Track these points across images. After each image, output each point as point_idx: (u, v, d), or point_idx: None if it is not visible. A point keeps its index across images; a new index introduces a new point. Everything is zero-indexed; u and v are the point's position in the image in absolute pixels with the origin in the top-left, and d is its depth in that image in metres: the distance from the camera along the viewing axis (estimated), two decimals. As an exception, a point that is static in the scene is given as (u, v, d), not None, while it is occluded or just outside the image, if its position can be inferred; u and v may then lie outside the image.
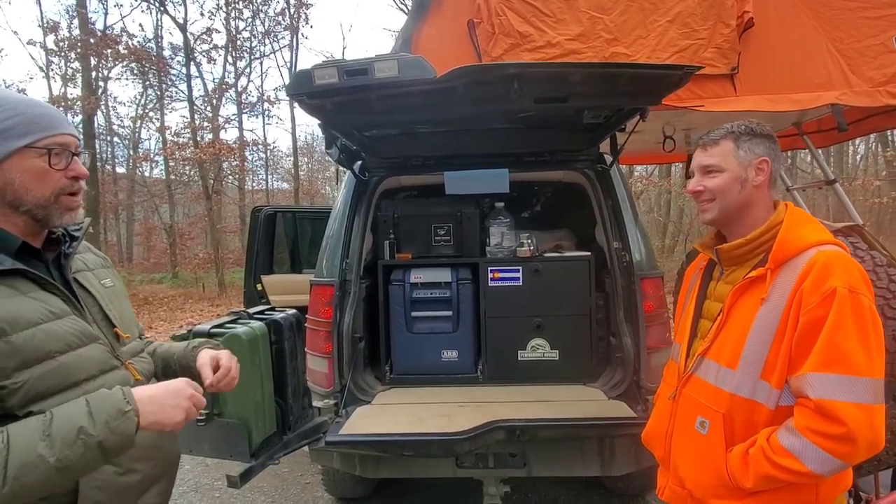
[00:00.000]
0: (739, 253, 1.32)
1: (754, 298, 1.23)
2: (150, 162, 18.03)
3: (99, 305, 1.18)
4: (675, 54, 2.79)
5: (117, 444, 0.97)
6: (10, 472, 0.88)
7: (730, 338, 1.26)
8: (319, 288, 2.65)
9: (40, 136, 1.04)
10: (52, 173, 1.05)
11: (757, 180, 1.29)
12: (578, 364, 2.87)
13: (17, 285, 1.01)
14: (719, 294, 1.37)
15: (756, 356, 1.21)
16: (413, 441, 2.20)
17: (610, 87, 1.98)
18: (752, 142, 1.31)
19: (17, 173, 1.03)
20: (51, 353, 1.00)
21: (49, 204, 1.06)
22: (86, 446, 0.93)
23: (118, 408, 0.98)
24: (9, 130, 1.02)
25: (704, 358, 1.32)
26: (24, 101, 1.07)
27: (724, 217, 1.34)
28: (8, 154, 1.02)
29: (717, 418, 1.25)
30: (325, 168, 26.53)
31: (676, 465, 1.37)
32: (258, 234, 4.82)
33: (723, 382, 1.26)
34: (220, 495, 3.38)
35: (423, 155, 2.90)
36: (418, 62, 1.90)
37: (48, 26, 14.49)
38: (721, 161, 1.31)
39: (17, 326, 0.97)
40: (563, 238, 3.26)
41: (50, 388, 0.99)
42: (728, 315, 1.28)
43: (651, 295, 2.54)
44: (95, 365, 1.09)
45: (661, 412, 1.48)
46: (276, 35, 16.99)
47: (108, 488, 1.06)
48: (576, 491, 3.21)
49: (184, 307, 11.78)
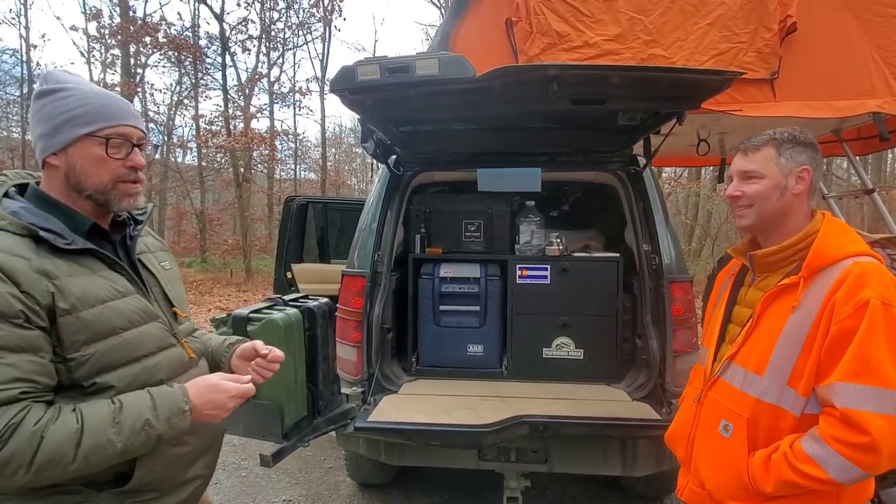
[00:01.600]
0: (773, 260, 1.33)
1: (785, 306, 1.24)
2: (184, 149, 18.43)
3: (160, 286, 1.25)
4: (715, 57, 2.76)
5: (173, 437, 1.09)
6: (82, 451, 0.97)
7: (758, 344, 1.27)
8: (351, 278, 2.72)
9: (102, 126, 1.10)
10: (110, 161, 1.11)
11: (797, 189, 1.29)
12: (603, 364, 2.89)
13: (88, 264, 1.09)
14: (750, 300, 1.37)
15: (784, 363, 1.21)
16: (439, 431, 2.26)
17: (649, 91, 1.98)
18: (794, 149, 1.30)
19: (79, 159, 1.10)
20: (116, 329, 1.08)
21: (108, 189, 1.12)
22: (148, 437, 1.04)
23: (179, 406, 1.08)
24: (76, 119, 1.09)
25: (732, 362, 1.33)
26: (95, 92, 1.14)
27: (761, 224, 1.34)
28: (72, 140, 1.09)
29: (741, 422, 1.27)
30: (351, 160, 26.81)
31: (697, 467, 1.39)
32: (290, 223, 4.92)
33: (749, 387, 1.27)
34: (247, 474, 3.50)
35: (456, 151, 2.94)
36: (459, 61, 1.93)
37: (91, 13, 14.95)
38: (762, 167, 1.31)
39: (87, 303, 1.04)
40: (591, 238, 3.27)
41: (113, 362, 1.07)
42: (758, 321, 1.29)
43: (679, 299, 2.54)
44: (154, 342, 1.16)
45: (685, 414, 1.50)
46: (310, 27, 17.18)
47: (163, 459, 1.14)
48: (593, 490, 3.23)
49: (212, 291, 12.06)
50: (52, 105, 1.09)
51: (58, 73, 1.15)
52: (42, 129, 1.10)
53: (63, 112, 1.09)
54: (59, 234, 1.05)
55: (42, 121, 1.10)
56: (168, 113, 18.23)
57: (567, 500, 3.14)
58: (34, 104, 1.12)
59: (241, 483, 3.40)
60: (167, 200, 21.40)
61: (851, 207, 13.60)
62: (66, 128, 1.08)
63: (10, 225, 1.02)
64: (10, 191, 1.12)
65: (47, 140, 1.09)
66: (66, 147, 1.09)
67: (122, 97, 1.24)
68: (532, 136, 2.86)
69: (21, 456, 0.93)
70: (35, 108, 1.11)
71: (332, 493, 3.26)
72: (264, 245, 17.51)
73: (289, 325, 1.86)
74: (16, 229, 1.02)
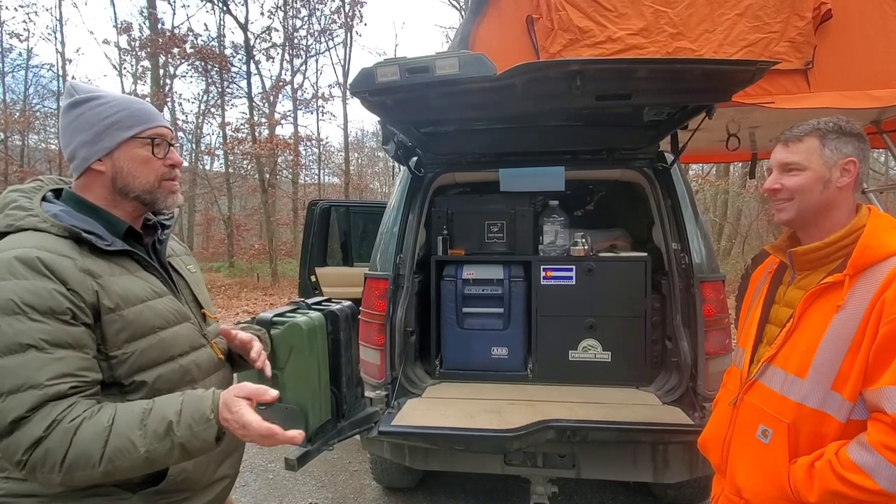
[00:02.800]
0: (816, 257, 1.25)
1: (829, 305, 1.17)
2: (212, 156, 18.84)
3: (189, 288, 1.27)
4: (744, 49, 2.67)
5: (198, 448, 1.00)
6: (107, 452, 0.95)
7: (799, 345, 1.21)
8: (373, 281, 2.71)
9: (144, 128, 1.13)
10: (155, 161, 1.15)
11: (841, 182, 1.22)
12: (631, 367, 2.81)
13: (126, 265, 1.11)
14: (789, 299, 1.31)
15: (828, 366, 1.15)
16: (464, 436, 2.22)
17: (676, 84, 1.92)
18: (839, 140, 1.23)
19: (126, 161, 1.12)
20: (154, 328, 1.09)
21: (154, 189, 1.15)
22: (171, 443, 0.98)
23: (203, 414, 1.00)
24: (118, 123, 1.11)
25: (770, 365, 1.26)
26: (127, 98, 1.17)
27: (801, 218, 1.27)
28: (118, 144, 1.11)
29: (782, 428, 1.21)
30: (373, 164, 27.00)
31: (734, 474, 1.32)
32: (313, 227, 4.96)
33: (789, 391, 1.20)
34: (274, 477, 3.52)
35: (478, 152, 2.91)
36: (479, 59, 1.90)
37: (122, 27, 15.42)
38: (804, 159, 1.24)
39: (128, 302, 1.06)
40: (618, 238, 3.19)
41: (151, 361, 1.08)
42: (799, 321, 1.22)
43: (711, 299, 2.45)
44: (187, 342, 1.17)
45: (719, 418, 1.44)
46: (332, 33, 17.39)
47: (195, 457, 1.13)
48: (623, 497, 3.15)
49: (239, 295, 12.27)
50: (90, 112, 1.11)
51: (84, 85, 1.17)
52: (84, 137, 1.11)
53: (105, 118, 1.11)
54: (100, 236, 1.07)
55: (81, 129, 1.11)
56: (196, 122, 18.68)
57: (596, 507, 3.07)
58: (68, 115, 1.14)
59: (269, 485, 3.42)
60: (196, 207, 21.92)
61: (889, 201, 13.08)
62: (111, 132, 1.11)
63: (53, 227, 1.05)
64: (48, 195, 1.15)
65: (90, 147, 1.11)
66: (111, 151, 1.11)
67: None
68: (555, 135, 2.80)
69: (55, 453, 0.93)
70: (70, 119, 1.13)
71: (358, 496, 3.26)
72: (290, 249, 17.75)
73: (312, 328, 1.85)
74: (58, 231, 1.04)
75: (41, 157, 17.97)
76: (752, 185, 13.60)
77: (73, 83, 1.17)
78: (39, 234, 1.03)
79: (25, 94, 17.22)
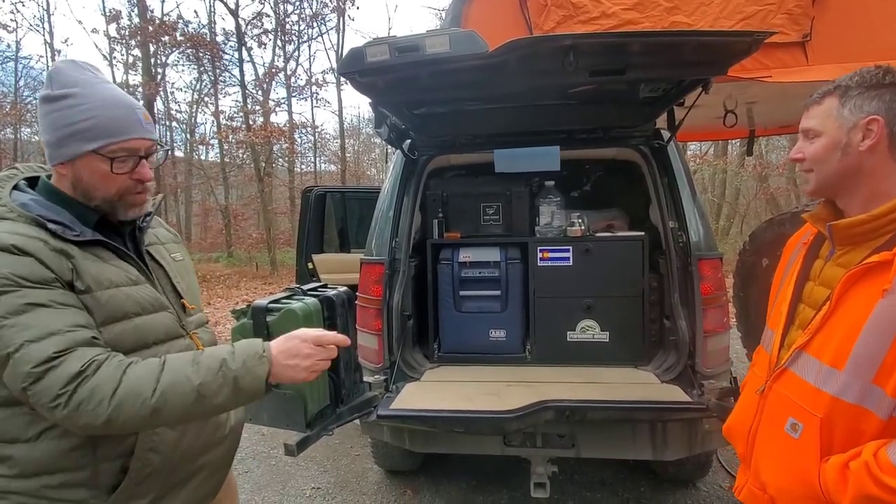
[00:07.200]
0: (860, 231, 1.09)
1: (873, 288, 1.01)
2: (206, 145, 18.70)
3: (168, 277, 1.25)
4: (741, 21, 2.62)
5: (249, 384, 1.03)
6: (161, 385, 0.98)
7: (837, 332, 1.06)
8: (369, 266, 2.69)
9: (107, 143, 1.08)
10: (115, 176, 1.10)
11: (864, 144, 1.06)
12: (629, 346, 2.81)
13: (99, 254, 1.10)
14: (827, 277, 1.15)
15: (870, 357, 1.00)
16: (462, 418, 2.22)
17: (671, 58, 1.87)
18: (862, 96, 1.07)
19: (85, 172, 1.10)
20: (128, 313, 1.09)
21: (114, 201, 1.13)
22: (224, 378, 1.02)
23: (256, 352, 1.06)
24: (82, 133, 1.07)
25: (803, 352, 1.12)
26: (101, 102, 1.09)
27: (825, 190, 1.15)
28: (77, 156, 1.08)
29: (814, 423, 1.07)
30: (370, 150, 26.81)
31: (759, 467, 1.21)
32: (309, 214, 4.93)
33: (824, 383, 1.06)
34: (276, 463, 3.55)
35: (471, 133, 2.87)
36: (470, 36, 1.86)
37: (110, 15, 15.19)
38: (819, 123, 1.11)
39: (101, 285, 1.06)
40: (615, 217, 3.17)
41: (127, 346, 1.07)
42: (837, 304, 1.06)
43: (709, 277, 2.44)
44: (163, 330, 1.16)
45: (745, 405, 1.31)
46: (324, 17, 17.15)
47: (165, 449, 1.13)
48: (623, 475, 3.18)
49: (239, 285, 12.27)
50: (57, 115, 1.07)
51: (66, 73, 1.09)
52: (48, 138, 1.09)
53: (68, 125, 1.07)
54: (68, 226, 1.06)
55: (47, 129, 1.09)
56: (189, 111, 18.51)
57: (597, 485, 3.09)
58: (41, 107, 1.10)
59: (271, 471, 3.44)
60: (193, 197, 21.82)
61: None
62: (71, 142, 1.07)
63: (20, 217, 1.04)
64: (21, 184, 1.13)
65: (53, 150, 1.09)
66: (72, 160, 1.09)
67: (139, 99, 1.22)
68: (550, 114, 2.76)
69: (103, 389, 0.95)
70: (41, 113, 1.10)
71: (360, 480, 3.28)
72: (288, 238, 17.72)
73: (308, 314, 1.84)
74: (25, 220, 1.04)
75: (34, 149, 17.81)
76: (751, 164, 13.55)
77: (56, 69, 1.11)
78: (8, 222, 1.03)
79: (16, 87, 17.06)
